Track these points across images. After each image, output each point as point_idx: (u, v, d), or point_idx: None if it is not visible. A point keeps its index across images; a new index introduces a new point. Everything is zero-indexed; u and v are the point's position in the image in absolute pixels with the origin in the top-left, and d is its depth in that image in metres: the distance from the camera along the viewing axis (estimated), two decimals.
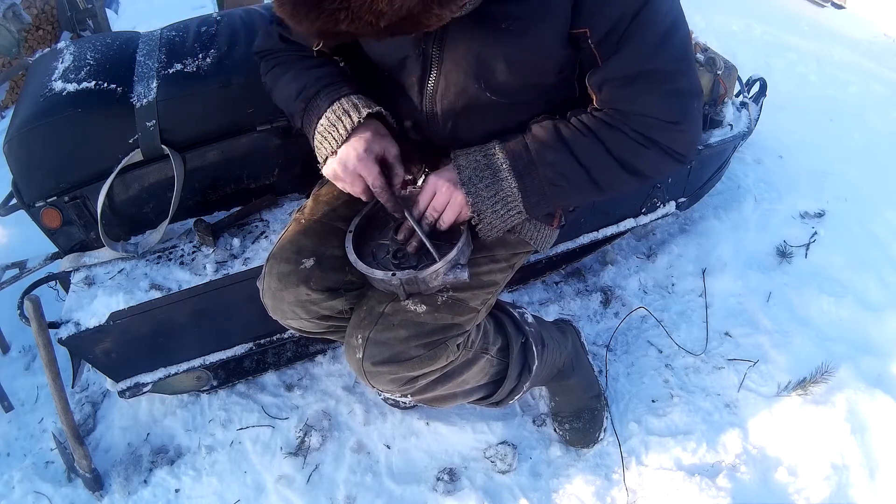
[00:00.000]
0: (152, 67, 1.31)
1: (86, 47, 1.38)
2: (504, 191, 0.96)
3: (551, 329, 1.39)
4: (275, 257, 1.06)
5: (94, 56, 1.34)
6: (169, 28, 1.43)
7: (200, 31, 1.39)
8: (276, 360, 1.64)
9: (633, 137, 0.94)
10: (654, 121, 0.93)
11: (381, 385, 1.02)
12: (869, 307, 1.73)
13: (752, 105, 2.04)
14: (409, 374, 1.01)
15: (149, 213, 1.39)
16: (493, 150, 0.97)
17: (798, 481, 1.35)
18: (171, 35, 1.40)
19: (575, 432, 1.44)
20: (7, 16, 2.21)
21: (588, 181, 0.96)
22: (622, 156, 0.95)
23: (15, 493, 1.41)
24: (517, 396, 1.26)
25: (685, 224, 2.08)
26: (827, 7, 4.66)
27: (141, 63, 1.33)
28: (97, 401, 1.61)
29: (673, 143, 0.95)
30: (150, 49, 1.36)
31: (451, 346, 1.02)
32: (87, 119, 1.25)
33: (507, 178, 0.96)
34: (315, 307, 1.06)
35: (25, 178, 1.29)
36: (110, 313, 1.26)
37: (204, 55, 1.33)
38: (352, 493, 1.38)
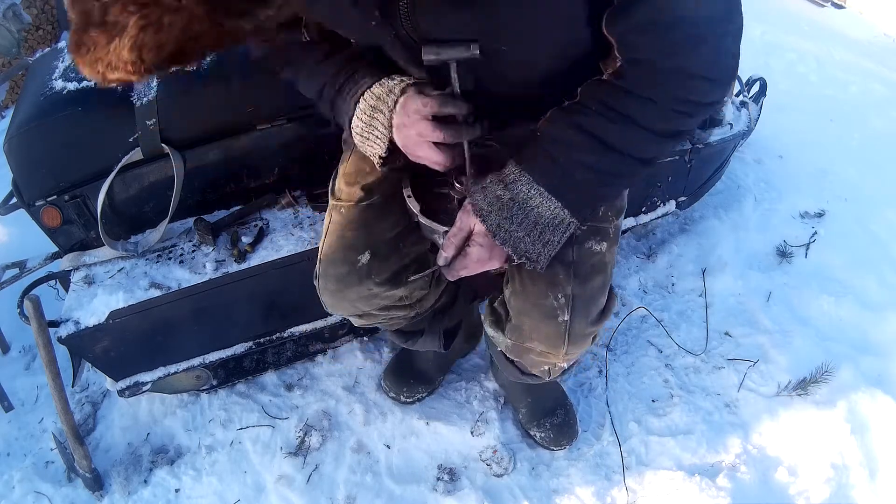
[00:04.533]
0: None
1: None
2: (545, 216, 0.82)
3: None
4: (328, 259, 1.04)
5: None
6: None
7: None
8: (276, 359, 1.64)
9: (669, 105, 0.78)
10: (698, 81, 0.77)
11: (580, 349, 1.06)
12: (869, 307, 1.73)
13: (752, 105, 2.05)
14: (599, 329, 1.07)
15: (149, 213, 1.39)
16: (514, 175, 0.82)
17: (798, 481, 1.35)
18: None
19: (557, 428, 1.42)
20: (7, 16, 2.21)
21: (633, 162, 0.81)
22: (661, 127, 0.80)
23: (15, 493, 1.41)
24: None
25: (685, 224, 2.08)
26: (827, 7, 4.66)
27: None
28: (97, 401, 1.61)
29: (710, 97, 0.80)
30: None
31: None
32: (87, 118, 1.25)
33: (544, 203, 0.81)
34: (377, 299, 1.07)
35: (25, 177, 1.29)
36: (110, 312, 1.26)
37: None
38: (352, 493, 1.38)
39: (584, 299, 1.00)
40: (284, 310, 1.46)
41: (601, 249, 1.00)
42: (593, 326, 1.05)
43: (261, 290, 1.39)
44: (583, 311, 1.01)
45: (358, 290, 1.04)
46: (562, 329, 1.01)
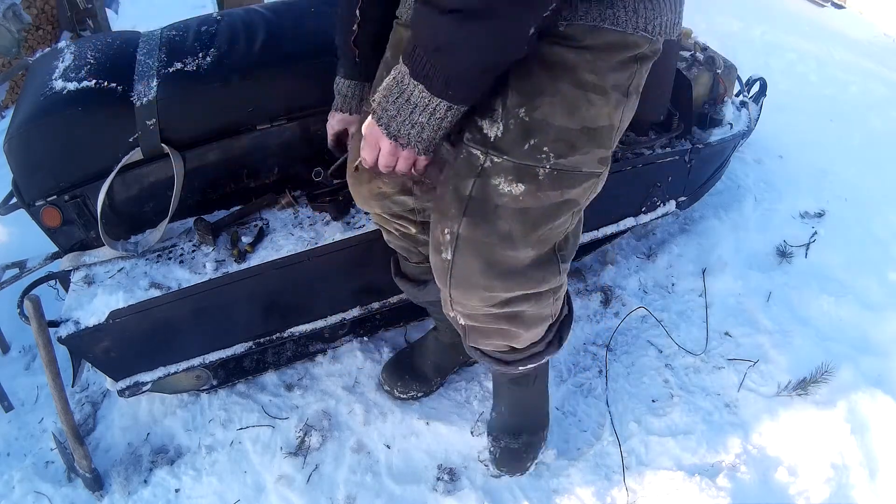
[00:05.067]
0: (152, 66, 1.31)
1: (86, 46, 1.38)
2: (415, 95, 0.78)
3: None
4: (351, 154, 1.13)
5: (94, 55, 1.35)
6: (169, 28, 1.44)
7: (201, 31, 1.39)
8: (276, 359, 1.64)
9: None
10: None
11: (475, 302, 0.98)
12: (869, 307, 1.73)
13: (752, 105, 2.05)
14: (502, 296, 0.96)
15: (149, 213, 1.39)
16: (398, 65, 0.80)
17: (798, 481, 1.35)
18: (172, 34, 1.40)
19: (508, 453, 1.35)
20: (7, 16, 2.21)
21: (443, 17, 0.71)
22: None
23: (15, 493, 1.41)
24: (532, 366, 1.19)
25: (685, 224, 2.08)
26: (827, 7, 4.67)
27: (141, 62, 1.33)
28: (97, 401, 1.61)
29: None
30: (150, 48, 1.36)
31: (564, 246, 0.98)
32: (87, 118, 1.25)
33: (412, 83, 0.78)
34: (388, 201, 1.11)
35: (25, 177, 1.29)
36: (110, 312, 1.26)
37: (204, 54, 1.33)
38: (352, 493, 1.38)
39: (474, 243, 0.90)
40: (284, 310, 1.46)
41: (513, 192, 0.86)
42: (496, 281, 0.93)
43: (261, 290, 1.39)
44: (472, 256, 0.91)
45: (370, 187, 1.11)
46: (446, 266, 0.95)
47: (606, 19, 0.81)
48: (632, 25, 0.82)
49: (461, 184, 0.89)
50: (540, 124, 0.83)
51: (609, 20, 0.81)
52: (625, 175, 1.66)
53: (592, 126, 0.86)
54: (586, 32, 0.81)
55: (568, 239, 1.01)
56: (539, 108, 0.83)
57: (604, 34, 0.81)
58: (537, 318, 1.08)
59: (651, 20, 0.83)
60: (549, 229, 0.92)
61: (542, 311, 1.07)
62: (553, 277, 1.00)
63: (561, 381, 1.60)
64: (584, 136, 0.86)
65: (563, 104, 0.83)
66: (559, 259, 1.00)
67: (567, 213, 0.93)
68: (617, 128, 0.90)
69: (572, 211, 0.94)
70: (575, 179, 0.89)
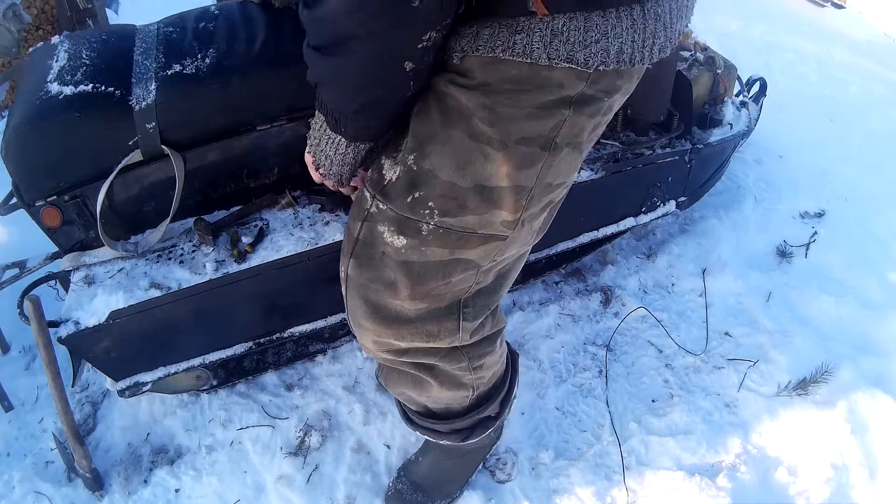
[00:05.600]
0: (150, 68, 1.30)
1: (81, 44, 1.37)
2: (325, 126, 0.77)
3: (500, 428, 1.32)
4: None
5: (89, 55, 1.33)
6: (166, 23, 1.42)
7: (199, 28, 1.38)
8: (276, 359, 1.64)
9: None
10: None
11: (363, 338, 0.92)
12: (869, 307, 1.73)
13: (751, 105, 2.05)
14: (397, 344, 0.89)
15: (149, 213, 1.38)
16: None
17: (798, 481, 1.35)
18: (169, 31, 1.39)
19: (399, 498, 1.33)
20: (7, 16, 2.21)
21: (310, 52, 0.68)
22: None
23: (15, 493, 1.41)
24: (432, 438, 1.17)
25: (685, 224, 2.08)
26: (827, 7, 4.66)
27: (138, 63, 1.32)
28: (97, 401, 1.61)
29: None
30: (147, 47, 1.35)
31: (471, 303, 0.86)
32: (85, 123, 1.24)
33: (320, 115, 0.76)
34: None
35: (25, 177, 1.28)
36: (110, 312, 1.26)
37: (203, 55, 1.32)
38: (352, 493, 1.38)
39: (360, 286, 0.85)
40: (284, 310, 1.46)
41: (395, 243, 0.78)
42: (382, 328, 0.87)
43: (261, 290, 1.39)
44: (359, 298, 0.87)
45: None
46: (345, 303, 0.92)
47: (510, 48, 0.64)
48: (549, 55, 0.63)
49: (352, 224, 0.84)
50: (427, 176, 0.73)
51: (513, 49, 0.64)
52: (625, 175, 1.66)
53: (488, 185, 0.72)
54: (483, 67, 0.67)
55: (480, 295, 0.89)
56: (429, 156, 0.72)
57: (501, 68, 0.66)
58: (451, 378, 1.00)
59: (585, 45, 0.63)
60: (442, 285, 0.82)
61: (457, 373, 0.99)
62: (450, 335, 0.89)
63: (561, 381, 1.60)
64: (477, 195, 0.73)
65: (453, 156, 0.71)
66: (461, 316, 0.88)
67: (463, 272, 0.81)
68: (529, 189, 0.73)
69: (472, 271, 0.82)
70: (468, 241, 0.77)
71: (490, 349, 1.01)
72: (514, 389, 1.18)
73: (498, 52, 0.64)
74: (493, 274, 0.88)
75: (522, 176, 0.72)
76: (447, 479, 1.34)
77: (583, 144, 0.75)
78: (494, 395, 1.12)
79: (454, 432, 1.14)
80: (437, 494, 1.33)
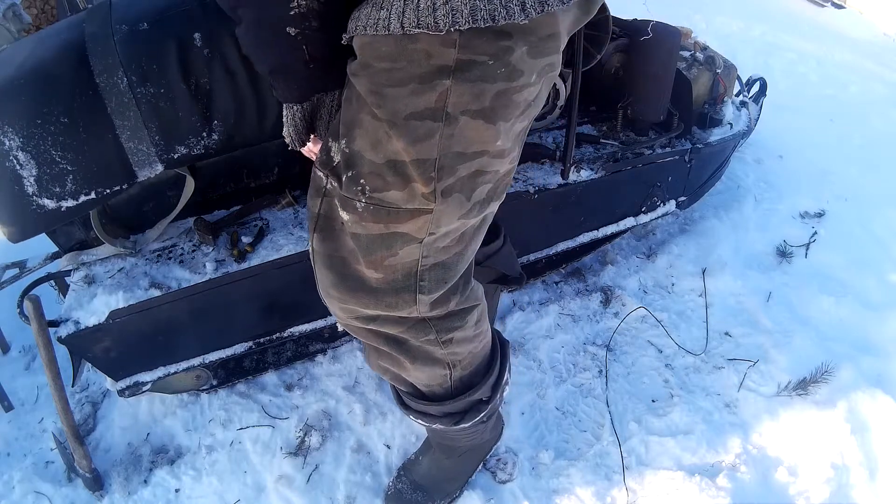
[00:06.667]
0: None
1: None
2: None
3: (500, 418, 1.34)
4: None
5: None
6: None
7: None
8: (276, 359, 1.64)
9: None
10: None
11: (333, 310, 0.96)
12: (869, 307, 1.74)
13: (751, 104, 2.05)
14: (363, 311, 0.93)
15: (149, 213, 1.39)
16: None
17: (798, 481, 1.35)
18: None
19: (399, 498, 1.34)
20: (7, 16, 2.21)
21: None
22: None
23: (15, 493, 1.41)
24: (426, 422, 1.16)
25: (685, 224, 2.08)
26: (827, 7, 4.67)
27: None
28: (97, 401, 1.61)
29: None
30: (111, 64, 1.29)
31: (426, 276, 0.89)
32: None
33: None
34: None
35: None
36: (110, 311, 1.26)
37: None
38: (352, 493, 1.38)
39: (326, 257, 0.90)
40: (284, 310, 1.46)
41: (343, 217, 0.84)
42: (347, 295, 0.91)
43: (261, 290, 1.39)
44: (326, 268, 0.91)
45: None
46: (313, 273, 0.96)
47: (375, 25, 0.67)
48: (402, 24, 0.64)
49: (311, 202, 0.88)
50: (356, 157, 0.78)
51: (377, 25, 0.66)
52: (625, 175, 1.67)
53: (396, 160, 0.76)
54: (360, 48, 0.72)
55: (434, 268, 0.91)
56: (355, 139, 0.78)
57: (374, 46, 0.69)
58: (423, 353, 1.02)
59: (436, 8, 0.63)
60: (389, 256, 0.85)
61: (428, 347, 1.01)
62: (407, 305, 0.92)
63: (561, 381, 1.60)
64: (391, 171, 0.77)
65: (367, 137, 0.76)
66: (417, 289, 0.91)
67: (405, 245, 0.84)
68: (434, 160, 0.75)
69: (415, 244, 0.84)
70: (398, 216, 0.81)
71: (459, 324, 1.02)
72: (506, 375, 1.19)
73: (368, 30, 0.68)
74: (443, 248, 0.89)
75: (421, 149, 0.74)
76: (447, 478, 1.34)
77: (490, 112, 0.73)
78: (483, 379, 1.13)
79: (446, 416, 1.14)
80: (437, 494, 1.33)
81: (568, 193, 1.60)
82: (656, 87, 1.64)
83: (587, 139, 1.71)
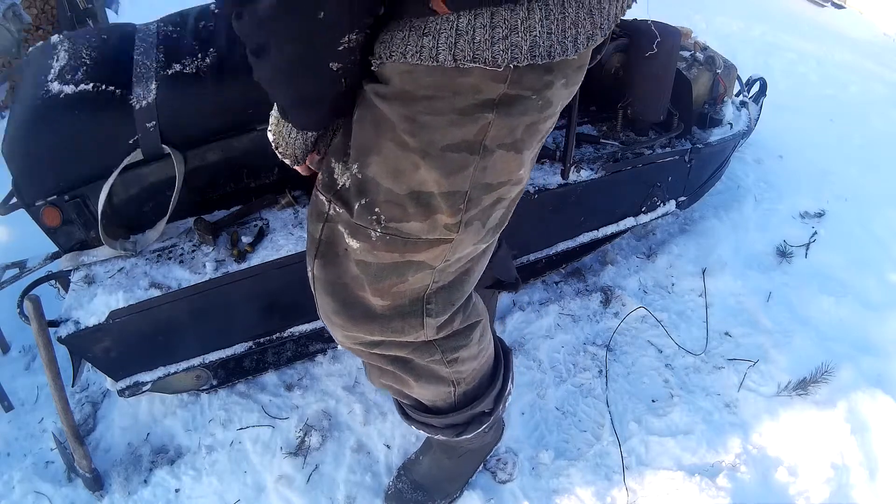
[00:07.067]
0: (150, 68, 1.30)
1: (80, 44, 1.37)
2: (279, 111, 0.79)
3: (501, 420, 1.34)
4: None
5: (89, 54, 1.33)
6: (165, 22, 1.41)
7: (199, 28, 1.38)
8: (276, 359, 1.64)
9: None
10: None
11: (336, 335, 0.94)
12: (869, 307, 1.74)
13: (751, 104, 2.05)
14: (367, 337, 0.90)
15: (149, 213, 1.39)
16: None
17: (798, 481, 1.35)
18: (169, 31, 1.39)
19: (399, 497, 1.33)
20: (7, 16, 2.22)
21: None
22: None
23: (15, 493, 1.41)
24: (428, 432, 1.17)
25: (685, 224, 2.08)
26: (827, 7, 4.67)
27: (139, 63, 1.32)
28: (97, 401, 1.61)
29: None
30: (147, 47, 1.35)
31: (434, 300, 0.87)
32: (86, 122, 1.24)
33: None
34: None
35: (26, 177, 1.28)
36: (110, 311, 1.26)
37: (203, 55, 1.32)
38: (352, 492, 1.38)
39: (328, 284, 0.87)
40: (284, 309, 1.46)
41: (352, 245, 0.80)
42: (350, 323, 0.89)
43: (261, 290, 1.39)
44: (328, 295, 0.88)
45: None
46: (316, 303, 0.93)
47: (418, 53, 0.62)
48: (454, 56, 0.61)
49: (313, 227, 0.85)
50: (371, 183, 0.74)
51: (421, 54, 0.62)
52: (625, 175, 1.67)
53: (422, 191, 0.72)
54: (398, 75, 0.66)
55: (441, 291, 0.89)
56: (370, 165, 0.73)
57: (415, 75, 0.64)
58: (428, 372, 1.01)
59: (492, 42, 0.60)
60: (399, 283, 0.83)
61: (433, 366, 1.00)
62: (414, 330, 0.90)
63: (561, 381, 1.60)
64: (413, 202, 0.73)
65: (387, 165, 0.72)
66: (425, 312, 0.89)
67: (417, 272, 0.82)
68: (465, 192, 0.73)
69: (427, 271, 0.83)
70: (416, 245, 0.78)
71: (464, 343, 1.01)
72: (509, 386, 1.18)
73: (409, 58, 0.62)
74: (452, 272, 0.88)
75: (454, 181, 0.72)
76: (447, 478, 1.34)
77: (520, 143, 0.73)
78: (486, 392, 1.12)
79: (449, 427, 1.14)
80: (437, 494, 1.33)
81: (568, 193, 1.60)
82: (656, 87, 1.64)
83: (587, 139, 1.71)
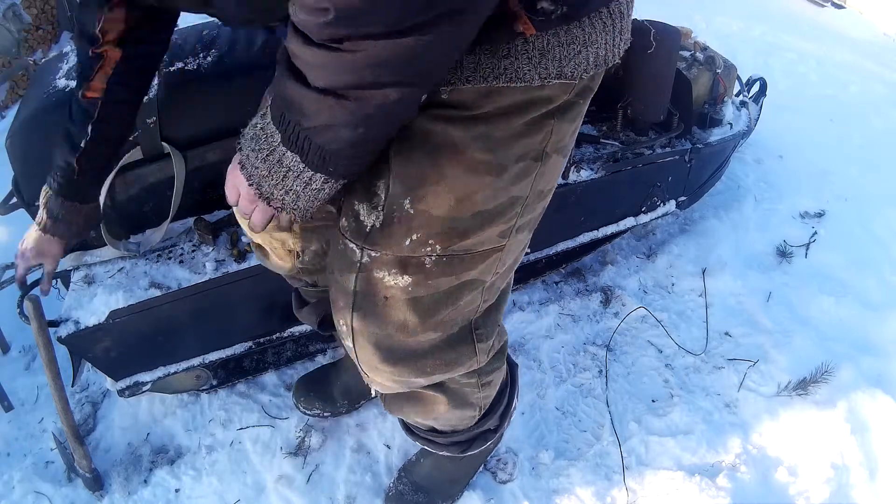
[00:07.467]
0: None
1: None
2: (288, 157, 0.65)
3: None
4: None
5: None
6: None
7: (202, 34, 1.39)
8: (276, 359, 1.64)
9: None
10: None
11: (383, 380, 0.91)
12: (869, 307, 1.74)
13: (751, 104, 2.05)
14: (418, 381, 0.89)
15: (149, 212, 1.39)
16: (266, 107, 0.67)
17: (798, 481, 1.35)
18: (174, 38, 1.39)
19: (400, 499, 1.33)
20: (7, 16, 2.21)
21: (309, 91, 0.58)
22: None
23: (15, 493, 1.41)
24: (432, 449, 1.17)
25: (685, 224, 2.08)
26: (827, 7, 4.67)
27: None
28: (97, 401, 1.61)
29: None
30: None
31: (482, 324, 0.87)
32: None
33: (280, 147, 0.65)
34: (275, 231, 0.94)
35: (26, 176, 1.28)
36: (110, 311, 1.26)
37: (205, 54, 1.33)
38: (352, 492, 1.38)
39: (369, 335, 0.84)
40: (284, 309, 1.46)
41: (399, 283, 0.77)
42: (400, 367, 0.87)
43: (261, 290, 1.39)
44: (370, 345, 0.85)
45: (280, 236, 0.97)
46: (352, 353, 0.90)
47: (502, 75, 0.62)
48: (539, 75, 0.63)
49: (343, 278, 0.80)
50: (423, 217, 0.71)
51: (505, 75, 0.62)
52: (625, 175, 1.67)
53: (487, 209, 0.72)
54: (478, 98, 0.65)
55: (488, 313, 0.89)
56: (424, 198, 0.70)
57: (502, 96, 0.65)
58: (460, 397, 0.99)
59: (570, 58, 0.64)
60: (452, 311, 0.82)
61: (466, 390, 0.99)
62: (468, 359, 0.90)
63: (561, 381, 1.60)
64: (476, 220, 0.73)
65: (450, 192, 0.69)
66: (475, 338, 0.89)
67: (471, 293, 0.81)
68: (524, 198, 0.75)
69: (478, 289, 0.82)
70: (472, 261, 0.77)
71: (499, 364, 1.02)
72: (514, 402, 1.18)
73: (490, 81, 0.63)
74: (497, 288, 0.88)
75: (518, 188, 0.73)
76: (448, 480, 1.34)
77: (566, 148, 0.76)
78: (495, 410, 1.13)
79: (454, 444, 1.14)
80: (438, 496, 1.33)
81: (568, 193, 1.60)
82: (656, 87, 1.64)
83: (587, 139, 1.71)
